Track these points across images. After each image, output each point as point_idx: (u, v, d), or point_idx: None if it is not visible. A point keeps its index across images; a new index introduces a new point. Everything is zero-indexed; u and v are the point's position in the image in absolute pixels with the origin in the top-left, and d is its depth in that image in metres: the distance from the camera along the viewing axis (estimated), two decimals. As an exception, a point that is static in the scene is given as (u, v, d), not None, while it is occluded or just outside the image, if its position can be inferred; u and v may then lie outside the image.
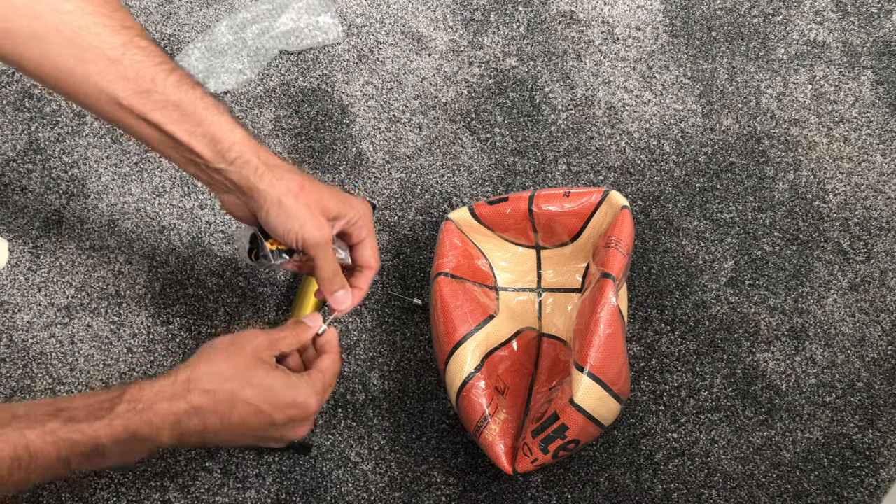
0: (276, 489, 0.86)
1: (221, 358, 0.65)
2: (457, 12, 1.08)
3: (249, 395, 0.65)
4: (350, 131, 1.02)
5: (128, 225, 0.96)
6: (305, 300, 0.90)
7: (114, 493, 0.86)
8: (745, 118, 1.04)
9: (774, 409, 0.91)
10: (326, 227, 0.70)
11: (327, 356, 0.72)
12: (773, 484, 0.88)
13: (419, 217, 0.99)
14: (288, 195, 0.68)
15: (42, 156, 0.99)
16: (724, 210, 0.99)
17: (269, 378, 0.66)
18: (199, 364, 0.65)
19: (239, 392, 0.64)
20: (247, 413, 0.65)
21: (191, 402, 0.63)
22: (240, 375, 0.65)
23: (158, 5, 1.07)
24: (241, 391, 0.65)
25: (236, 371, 0.65)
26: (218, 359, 0.65)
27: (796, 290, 0.96)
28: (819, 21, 1.09)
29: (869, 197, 1.00)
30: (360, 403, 0.90)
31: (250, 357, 0.66)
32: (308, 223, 0.69)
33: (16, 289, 0.93)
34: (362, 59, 1.05)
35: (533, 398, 0.84)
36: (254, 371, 0.65)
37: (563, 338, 0.88)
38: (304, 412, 0.68)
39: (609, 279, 0.77)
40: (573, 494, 0.87)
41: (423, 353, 0.93)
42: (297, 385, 0.67)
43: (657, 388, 0.91)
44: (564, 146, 1.02)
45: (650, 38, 1.08)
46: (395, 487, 0.87)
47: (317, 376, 0.69)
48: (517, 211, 0.87)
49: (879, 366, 0.93)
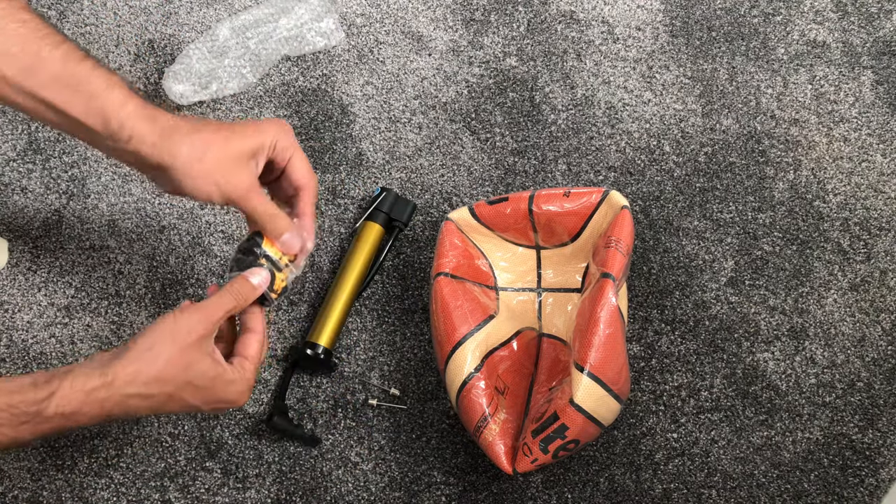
0: (276, 489, 0.86)
1: (160, 357, 0.63)
2: (457, 12, 1.08)
3: (186, 395, 0.64)
4: (350, 131, 1.02)
5: (128, 225, 0.96)
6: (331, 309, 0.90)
7: (114, 493, 0.86)
8: (745, 118, 1.04)
9: (774, 409, 0.91)
10: (245, 175, 0.66)
11: (252, 338, 0.70)
12: (773, 484, 0.88)
13: (419, 217, 0.99)
14: (193, 161, 0.64)
15: (42, 156, 0.99)
16: (724, 210, 0.99)
17: (208, 374, 0.65)
18: (135, 362, 0.62)
19: (176, 393, 0.64)
20: (179, 407, 0.65)
21: (125, 404, 0.62)
22: (178, 376, 0.63)
23: (158, 5, 1.07)
24: (179, 392, 0.64)
25: (175, 372, 0.63)
26: (156, 358, 0.62)
27: (796, 290, 0.96)
28: (819, 21, 1.09)
29: (869, 197, 1.00)
30: (360, 403, 0.90)
31: (189, 349, 0.64)
32: (223, 180, 0.65)
33: (16, 289, 0.93)
34: (362, 59, 1.05)
35: (533, 398, 0.84)
36: (193, 367, 0.64)
37: (563, 338, 0.88)
38: (231, 406, 0.68)
39: (609, 279, 0.77)
40: (573, 494, 0.87)
41: (423, 353, 0.93)
42: (232, 381, 0.66)
43: (657, 388, 0.91)
44: (564, 146, 1.02)
45: (650, 38, 1.08)
46: (395, 487, 0.87)
47: (247, 367, 0.68)
48: (517, 211, 0.87)
49: (879, 366, 0.93)
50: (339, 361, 0.91)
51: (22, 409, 0.58)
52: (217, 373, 0.65)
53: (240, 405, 0.68)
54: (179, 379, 0.63)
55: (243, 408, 0.89)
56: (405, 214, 0.95)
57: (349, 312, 0.92)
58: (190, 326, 0.64)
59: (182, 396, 0.64)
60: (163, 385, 0.63)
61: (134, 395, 0.62)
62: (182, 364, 0.63)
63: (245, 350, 0.69)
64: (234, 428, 0.89)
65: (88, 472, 0.86)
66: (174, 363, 0.63)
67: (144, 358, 0.62)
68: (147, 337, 0.63)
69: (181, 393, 0.64)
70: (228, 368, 0.66)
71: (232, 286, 0.68)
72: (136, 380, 0.62)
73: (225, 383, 0.66)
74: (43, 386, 0.59)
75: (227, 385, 0.66)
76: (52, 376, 0.60)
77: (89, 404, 0.60)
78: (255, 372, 0.69)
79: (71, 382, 0.60)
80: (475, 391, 0.79)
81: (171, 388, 0.63)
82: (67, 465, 0.86)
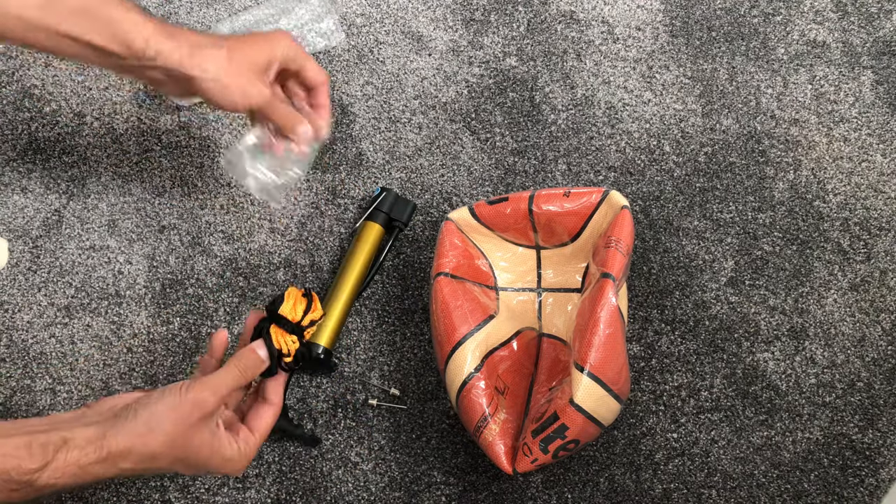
0: (276, 489, 0.86)
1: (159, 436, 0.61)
2: (457, 12, 1.08)
3: (178, 468, 0.64)
4: (350, 131, 1.02)
5: (128, 225, 0.96)
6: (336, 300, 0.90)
7: (114, 493, 0.86)
8: (745, 118, 1.04)
9: (774, 409, 0.91)
10: (265, 86, 0.74)
11: (267, 411, 0.69)
12: (773, 484, 0.88)
13: (419, 217, 0.99)
14: (220, 73, 0.71)
15: (42, 156, 0.99)
16: (724, 210, 0.99)
17: (204, 451, 0.64)
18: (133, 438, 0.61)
19: (168, 467, 0.63)
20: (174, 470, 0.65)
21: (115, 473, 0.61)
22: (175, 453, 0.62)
23: (158, 5, 1.07)
24: (172, 466, 0.63)
25: (172, 450, 0.62)
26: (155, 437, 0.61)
27: (796, 290, 0.96)
28: (819, 21, 1.09)
29: (869, 197, 1.00)
30: (360, 403, 0.90)
31: (191, 429, 0.63)
32: (248, 91, 0.73)
33: (16, 289, 0.93)
34: (362, 59, 1.05)
35: (533, 398, 0.84)
36: (190, 446, 0.63)
37: (563, 338, 0.88)
38: (228, 474, 0.67)
39: (609, 279, 0.77)
40: (573, 494, 0.87)
41: (423, 353, 0.93)
42: (230, 459, 0.65)
43: (657, 388, 0.91)
44: (564, 146, 1.02)
45: (650, 38, 1.08)
46: (395, 487, 0.87)
47: (251, 442, 0.67)
48: (517, 211, 0.87)
49: (879, 366, 0.93)
50: (339, 361, 0.91)
51: (14, 477, 0.57)
52: (213, 449, 0.64)
53: (236, 474, 0.67)
54: (175, 455, 0.63)
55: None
56: (405, 214, 0.95)
57: (349, 312, 0.92)
58: (194, 405, 0.63)
59: (172, 468, 0.64)
60: (154, 461, 0.62)
61: (125, 468, 0.61)
62: (180, 444, 0.62)
63: (256, 422, 0.68)
64: (234, 428, 0.89)
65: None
66: (172, 443, 0.62)
67: (142, 435, 0.61)
68: (149, 410, 0.62)
69: (172, 466, 0.64)
70: (227, 445, 0.65)
71: (238, 360, 0.67)
72: (129, 456, 0.61)
73: (222, 460, 0.65)
74: (38, 454, 0.58)
75: (225, 462, 0.65)
76: (47, 443, 0.59)
77: (81, 476, 0.59)
78: (258, 446, 0.67)
79: (66, 456, 0.59)
80: (475, 391, 0.79)
81: (164, 463, 0.63)
82: (67, 465, 0.86)
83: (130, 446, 0.60)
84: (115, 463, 0.60)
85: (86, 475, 0.59)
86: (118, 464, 0.60)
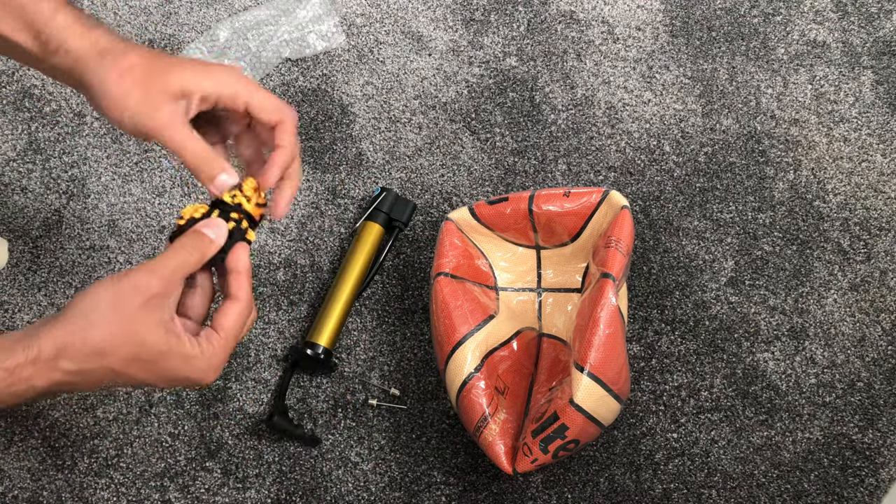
0: (276, 489, 0.86)
1: (97, 325, 0.53)
2: (457, 12, 1.08)
3: (133, 370, 0.54)
4: (350, 131, 1.02)
5: (128, 225, 0.96)
6: (332, 306, 0.90)
7: (114, 493, 0.86)
8: (745, 118, 1.04)
9: (774, 409, 0.91)
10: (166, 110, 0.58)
11: (231, 307, 0.59)
12: (773, 484, 0.88)
13: (419, 217, 0.99)
14: (113, 81, 0.58)
15: (42, 156, 0.99)
16: (724, 210, 0.99)
17: (159, 346, 0.54)
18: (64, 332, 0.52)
19: (120, 369, 0.54)
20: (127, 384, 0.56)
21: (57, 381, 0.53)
22: (121, 349, 0.53)
23: (158, 5, 1.07)
24: (124, 368, 0.54)
25: (116, 343, 0.53)
26: (91, 326, 0.53)
27: (796, 290, 0.96)
28: (819, 21, 1.09)
29: (869, 197, 1.00)
30: (360, 403, 0.90)
31: (135, 315, 0.54)
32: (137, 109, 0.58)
33: (16, 289, 0.93)
34: (362, 59, 1.05)
35: (533, 398, 0.84)
36: (139, 338, 0.54)
37: (563, 338, 0.88)
38: (195, 385, 0.58)
39: (609, 279, 0.77)
40: (573, 494, 0.87)
41: (423, 353, 0.93)
42: (192, 357, 0.56)
43: (657, 388, 0.91)
44: (564, 146, 1.02)
45: (650, 38, 1.08)
46: (395, 487, 0.87)
47: (215, 341, 0.57)
48: (517, 211, 0.87)
49: (879, 366, 0.93)
50: (339, 361, 0.91)
51: None
52: (170, 346, 0.55)
53: (205, 384, 0.58)
54: (122, 352, 0.53)
55: (243, 408, 0.89)
56: (405, 214, 0.95)
57: (349, 312, 0.92)
58: (135, 286, 0.54)
59: (128, 373, 0.54)
60: (101, 359, 0.53)
61: (66, 370, 0.52)
62: (125, 333, 0.53)
63: (219, 320, 0.58)
64: (234, 428, 0.89)
65: (88, 472, 0.86)
66: (115, 332, 0.53)
67: (77, 326, 0.52)
68: (83, 300, 0.53)
69: (126, 369, 0.54)
70: (187, 340, 0.56)
71: (183, 241, 0.58)
72: (65, 353, 0.52)
73: (182, 358, 0.55)
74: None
75: (186, 361, 0.56)
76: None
77: (16, 385, 0.52)
78: (226, 347, 0.58)
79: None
80: (475, 391, 0.79)
81: (112, 363, 0.53)
82: (67, 465, 0.86)
83: (66, 342, 0.52)
84: (51, 364, 0.52)
85: (21, 383, 0.52)
86: (57, 364, 0.52)
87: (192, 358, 0.56)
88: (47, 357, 0.52)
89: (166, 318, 0.55)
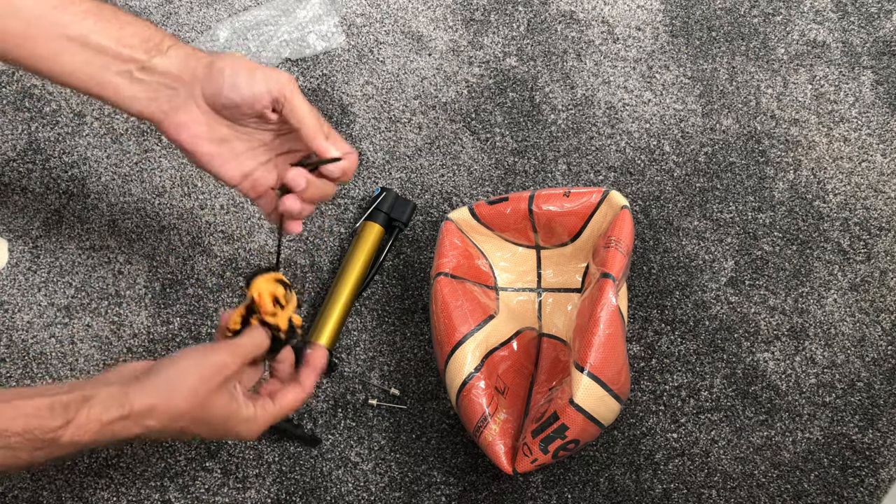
0: (276, 489, 0.86)
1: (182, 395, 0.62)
2: (457, 12, 1.08)
3: (197, 429, 0.64)
4: (350, 131, 1.02)
5: (128, 225, 0.96)
6: (327, 320, 0.90)
7: (114, 493, 0.86)
8: (745, 118, 1.04)
9: (774, 409, 0.91)
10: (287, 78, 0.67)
11: (293, 389, 0.70)
12: (773, 484, 0.88)
13: (419, 217, 0.99)
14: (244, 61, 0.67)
15: (42, 156, 0.99)
16: (724, 210, 0.99)
17: (225, 411, 0.64)
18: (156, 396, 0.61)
19: (188, 427, 0.63)
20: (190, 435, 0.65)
21: (139, 433, 0.61)
22: (195, 414, 0.62)
23: (158, 5, 1.07)
24: (193, 427, 0.63)
25: (194, 411, 0.62)
26: (178, 396, 0.61)
27: (796, 290, 0.96)
28: (819, 21, 1.09)
29: (869, 197, 1.00)
30: (360, 403, 0.90)
31: (216, 391, 0.63)
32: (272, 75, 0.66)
33: (16, 289, 0.93)
34: (362, 59, 1.05)
35: (533, 398, 0.84)
36: (215, 407, 0.63)
37: (563, 338, 0.88)
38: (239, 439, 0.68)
39: (609, 279, 0.77)
40: (573, 494, 0.87)
41: (423, 353, 0.93)
42: (247, 420, 0.66)
43: (657, 388, 0.91)
44: (564, 146, 1.02)
45: (650, 38, 1.08)
46: (395, 487, 0.87)
47: (269, 408, 0.67)
48: (517, 211, 0.87)
49: (879, 366, 0.93)
50: (339, 361, 0.91)
51: (38, 435, 0.57)
52: (232, 411, 0.65)
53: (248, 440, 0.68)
54: (197, 416, 0.63)
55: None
56: (405, 214, 0.95)
57: (349, 312, 0.92)
58: (218, 367, 0.63)
59: (194, 429, 0.64)
60: (180, 420, 0.62)
61: (149, 427, 0.61)
62: (203, 405, 0.63)
63: (279, 395, 0.69)
64: (234, 428, 0.89)
65: (88, 472, 0.86)
66: (195, 403, 0.62)
67: (166, 393, 0.61)
68: (171, 368, 0.62)
69: (195, 427, 0.64)
70: (244, 407, 0.66)
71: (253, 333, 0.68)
72: (152, 414, 0.61)
73: (239, 420, 0.65)
74: (60, 413, 0.58)
75: (242, 422, 0.66)
76: (69, 402, 0.59)
77: (104, 434, 0.59)
78: (275, 416, 0.68)
79: (88, 412, 0.59)
80: (475, 391, 0.79)
81: (186, 423, 0.63)
82: (67, 465, 0.86)
83: (154, 403, 0.60)
84: (138, 421, 0.60)
85: (108, 433, 0.59)
86: (143, 422, 0.60)
87: (247, 420, 0.66)
88: (137, 415, 0.60)
89: (234, 390, 0.65)
